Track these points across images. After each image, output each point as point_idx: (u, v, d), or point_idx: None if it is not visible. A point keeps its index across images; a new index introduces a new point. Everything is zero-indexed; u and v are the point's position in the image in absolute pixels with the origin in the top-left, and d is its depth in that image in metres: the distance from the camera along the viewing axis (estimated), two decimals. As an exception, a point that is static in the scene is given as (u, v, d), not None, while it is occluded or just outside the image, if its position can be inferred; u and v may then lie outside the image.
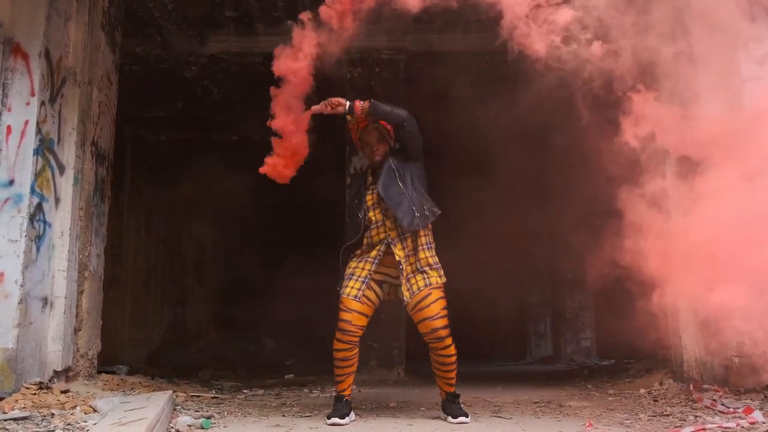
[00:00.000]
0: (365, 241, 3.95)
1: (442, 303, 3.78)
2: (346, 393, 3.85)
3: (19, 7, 4.36)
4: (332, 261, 4.13)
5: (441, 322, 3.74)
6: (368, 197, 3.97)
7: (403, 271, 3.79)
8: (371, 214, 3.92)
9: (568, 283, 12.57)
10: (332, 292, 3.94)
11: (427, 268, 3.81)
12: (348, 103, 3.79)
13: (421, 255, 3.83)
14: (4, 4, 4.30)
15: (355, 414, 3.94)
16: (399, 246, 3.83)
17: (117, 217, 8.96)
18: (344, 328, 3.77)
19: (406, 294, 3.76)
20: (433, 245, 3.91)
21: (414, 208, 3.81)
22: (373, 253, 3.87)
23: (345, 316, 3.78)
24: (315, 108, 3.84)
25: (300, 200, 12.60)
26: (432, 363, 3.91)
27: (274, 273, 14.47)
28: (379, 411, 4.37)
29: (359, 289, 3.79)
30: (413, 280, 3.79)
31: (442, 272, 3.86)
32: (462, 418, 3.74)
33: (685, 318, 4.85)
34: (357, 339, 3.81)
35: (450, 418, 3.77)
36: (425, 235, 3.88)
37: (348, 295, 3.80)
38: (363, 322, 3.81)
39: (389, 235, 3.86)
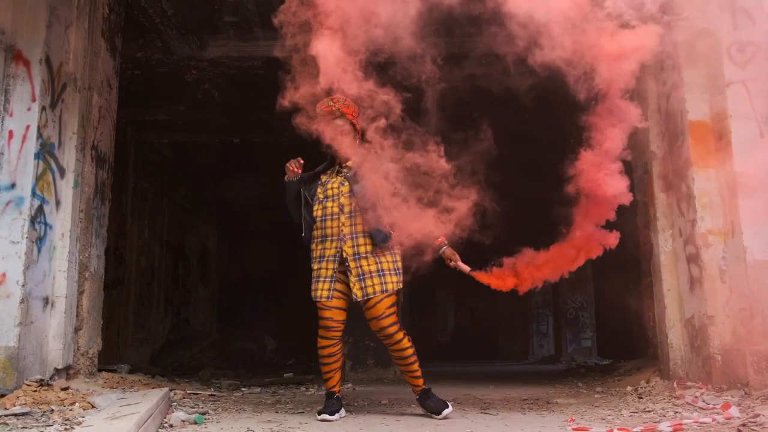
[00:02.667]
0: (318, 233, 3.98)
1: (388, 302, 3.86)
2: (336, 389, 3.98)
3: (21, 15, 4.47)
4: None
5: (388, 321, 3.87)
6: (329, 186, 3.99)
7: (352, 270, 3.85)
8: (329, 204, 3.95)
9: (569, 284, 12.65)
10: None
11: (386, 272, 3.87)
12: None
13: (383, 258, 3.90)
14: (6, 12, 4.41)
15: (347, 410, 4.05)
16: (349, 243, 3.89)
17: (120, 218, 9.09)
18: (327, 326, 3.91)
19: (358, 293, 3.84)
20: (396, 250, 3.95)
21: (384, 228, 3.88)
22: (332, 251, 3.92)
23: (325, 314, 3.91)
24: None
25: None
26: (394, 360, 4.09)
27: (277, 273, 14.59)
28: (370, 407, 4.48)
29: (329, 290, 3.89)
30: (369, 282, 3.84)
31: (401, 277, 3.92)
32: (446, 411, 3.85)
33: (672, 317, 4.96)
34: (340, 334, 3.95)
35: (434, 415, 3.87)
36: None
37: (321, 298, 3.90)
38: (342, 316, 3.94)
39: (342, 230, 3.91)
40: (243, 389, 5.88)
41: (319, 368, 4.02)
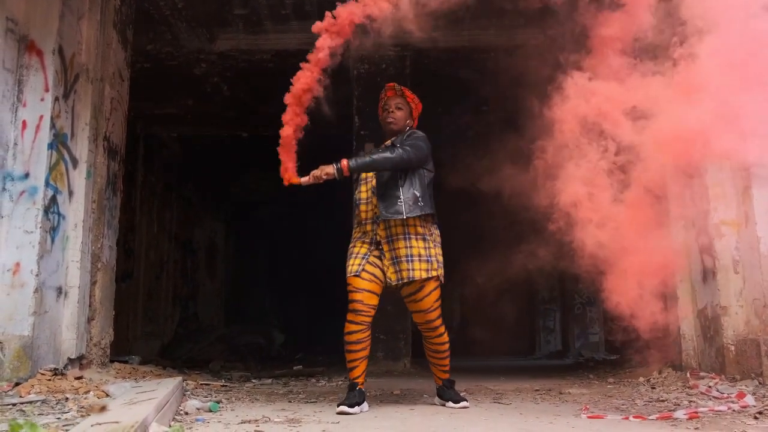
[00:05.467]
0: (359, 218, 3.95)
1: (436, 295, 3.80)
2: (360, 380, 3.79)
3: (34, 6, 4.49)
4: (343, 255, 4.16)
5: (434, 314, 3.82)
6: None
7: (385, 253, 3.78)
8: (363, 188, 3.94)
9: (575, 279, 12.62)
10: (344, 287, 3.94)
11: (416, 258, 3.76)
12: (335, 168, 3.71)
13: (414, 243, 3.78)
14: (19, 3, 4.43)
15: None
16: (383, 225, 3.81)
17: (129, 212, 9.13)
18: (356, 309, 3.73)
19: (392, 276, 3.75)
20: (432, 239, 3.85)
21: (401, 197, 3.77)
22: (370, 234, 3.87)
23: (356, 296, 3.75)
24: (304, 180, 3.73)
25: (312, 192, 12.72)
26: (426, 351, 3.99)
27: (284, 268, 14.62)
28: (382, 398, 4.48)
29: (359, 265, 3.77)
30: (404, 266, 3.74)
31: (437, 265, 3.80)
32: (463, 403, 3.85)
33: (684, 307, 4.95)
34: (370, 319, 3.76)
35: (451, 404, 3.87)
36: (421, 226, 3.82)
37: (350, 273, 3.79)
38: (374, 301, 3.76)
39: (375, 212, 3.85)
40: (254, 380, 5.89)
41: (344, 356, 3.83)
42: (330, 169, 3.71)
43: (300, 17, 6.97)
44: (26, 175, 4.35)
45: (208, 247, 13.28)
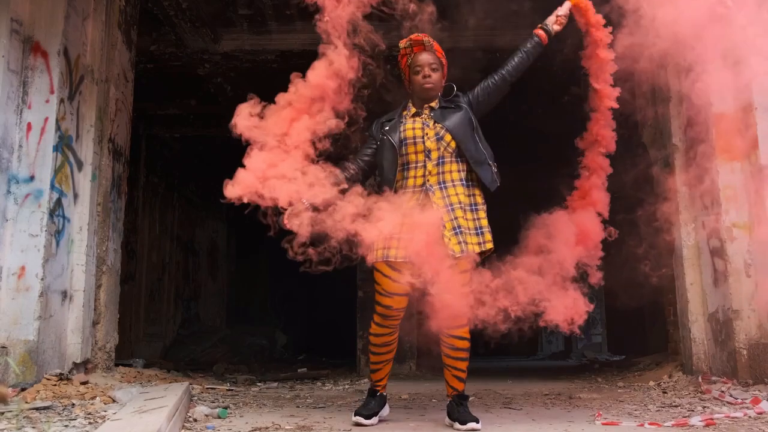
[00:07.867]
0: (396, 185, 3.40)
1: (466, 277, 3.21)
2: (381, 384, 3.54)
3: (39, 7, 4.44)
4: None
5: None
6: (409, 127, 3.41)
7: (446, 224, 3.22)
8: (411, 149, 3.37)
9: (578, 279, 12.55)
10: (346, 287, 3.78)
11: (485, 230, 3.32)
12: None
13: (481, 215, 3.35)
14: (24, 4, 4.38)
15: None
16: (438, 194, 3.30)
17: (131, 213, 9.07)
18: (386, 314, 3.35)
19: (456, 248, 3.18)
20: (485, 207, 3.41)
21: (491, 164, 3.37)
22: (411, 204, 3.29)
23: (386, 301, 3.32)
24: None
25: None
26: (441, 352, 3.43)
27: (285, 269, 14.56)
28: (391, 403, 4.42)
29: (397, 249, 3.19)
30: (470, 238, 3.25)
31: (489, 236, 3.34)
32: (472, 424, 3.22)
33: (694, 311, 4.91)
34: (398, 322, 3.41)
35: (458, 425, 3.26)
36: (480, 195, 3.40)
37: (392, 257, 3.21)
38: (404, 303, 3.35)
39: (428, 180, 3.33)
40: (259, 384, 5.86)
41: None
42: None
43: (304, 17, 6.91)
44: (31, 178, 4.30)
45: (210, 247, 13.22)
